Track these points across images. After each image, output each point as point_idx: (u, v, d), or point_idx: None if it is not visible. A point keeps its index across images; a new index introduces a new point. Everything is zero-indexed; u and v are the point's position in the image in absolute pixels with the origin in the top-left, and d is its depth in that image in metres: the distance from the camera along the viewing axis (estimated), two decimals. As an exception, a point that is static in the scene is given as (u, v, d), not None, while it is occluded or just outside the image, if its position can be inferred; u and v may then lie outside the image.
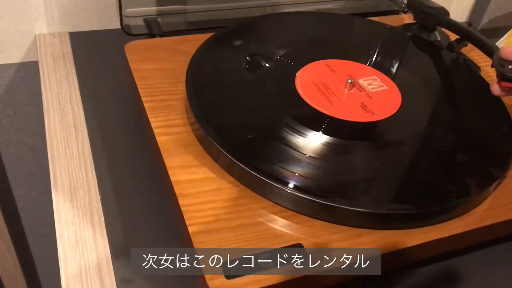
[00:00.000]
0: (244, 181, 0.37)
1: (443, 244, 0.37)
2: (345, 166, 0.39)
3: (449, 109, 0.46)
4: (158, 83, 0.46)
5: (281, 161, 0.37)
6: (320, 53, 0.50)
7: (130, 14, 0.56)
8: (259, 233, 0.35)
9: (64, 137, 0.48)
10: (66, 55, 0.59)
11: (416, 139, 0.42)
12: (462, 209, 0.38)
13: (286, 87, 0.45)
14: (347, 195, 0.36)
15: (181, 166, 0.39)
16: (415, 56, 0.53)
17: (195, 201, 0.36)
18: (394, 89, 0.46)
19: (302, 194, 0.35)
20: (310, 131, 0.40)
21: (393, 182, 0.38)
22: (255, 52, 0.49)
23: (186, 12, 0.60)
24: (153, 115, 0.43)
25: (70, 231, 0.40)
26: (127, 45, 0.50)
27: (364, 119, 0.42)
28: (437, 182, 0.38)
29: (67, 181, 0.44)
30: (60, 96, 0.53)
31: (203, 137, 0.40)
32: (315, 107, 0.43)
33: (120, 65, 0.50)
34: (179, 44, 0.51)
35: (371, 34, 0.54)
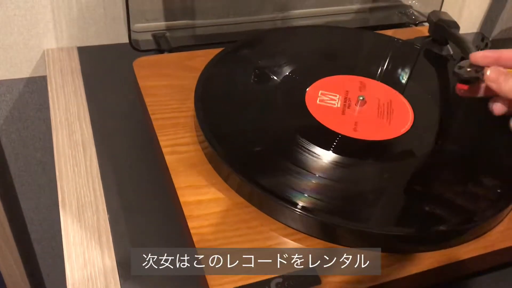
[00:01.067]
0: (255, 202, 0.37)
1: (459, 267, 0.36)
2: (358, 187, 0.38)
3: (463, 126, 0.45)
4: (166, 100, 0.46)
5: (293, 182, 0.37)
6: (331, 68, 0.49)
7: (138, 29, 0.56)
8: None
9: (72, 155, 0.48)
10: (74, 70, 0.58)
11: (430, 157, 0.41)
12: (478, 231, 0.37)
13: (296, 105, 0.44)
14: (360, 217, 0.35)
15: (190, 186, 0.38)
16: (426, 71, 0.52)
17: (205, 223, 0.35)
18: (406, 105, 0.45)
19: (314, 216, 0.34)
20: (322, 150, 0.39)
21: (408, 204, 0.37)
22: (265, 68, 0.48)
23: (195, 26, 0.59)
24: (161, 133, 0.42)
25: (78, 252, 0.39)
26: (136, 61, 0.50)
27: (377, 137, 0.41)
28: (453, 204, 0.37)
29: (75, 200, 0.43)
30: (68, 111, 0.52)
31: (212, 156, 0.39)
32: (326, 125, 0.42)
33: (128, 81, 0.50)
34: (187, 60, 0.51)
35: (383, 48, 0.53)
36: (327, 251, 0.34)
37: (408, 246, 0.35)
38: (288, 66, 0.48)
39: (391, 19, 0.69)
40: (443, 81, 0.50)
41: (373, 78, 0.49)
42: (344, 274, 0.33)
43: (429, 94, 0.47)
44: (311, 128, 0.42)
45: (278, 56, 0.50)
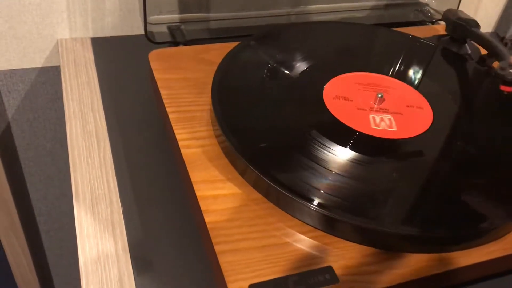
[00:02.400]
0: (272, 198, 0.36)
1: (480, 268, 0.35)
2: (377, 185, 0.37)
3: (483, 127, 0.44)
4: (182, 93, 0.45)
5: (310, 178, 0.36)
6: (348, 65, 0.48)
7: (154, 22, 0.55)
8: (288, 254, 0.33)
9: (85, 146, 0.47)
10: (88, 60, 0.58)
11: (450, 157, 0.40)
12: (500, 232, 0.36)
13: (314, 101, 0.44)
14: (379, 215, 0.35)
15: (207, 180, 0.38)
16: (445, 70, 0.51)
17: (221, 218, 0.35)
18: (425, 104, 0.45)
19: (331, 214, 0.34)
20: (340, 147, 0.39)
21: (428, 203, 0.37)
22: (282, 63, 0.47)
23: (210, 19, 0.59)
24: (178, 126, 0.42)
25: (92, 244, 0.39)
26: (151, 53, 0.49)
27: (396, 136, 0.41)
28: (474, 204, 0.37)
29: (89, 192, 0.43)
30: (81, 103, 0.52)
31: (229, 151, 0.39)
32: (344, 122, 0.41)
33: (143, 73, 0.50)
34: (203, 53, 0.50)
35: (401, 46, 0.53)
36: (346, 250, 0.34)
37: (426, 246, 0.35)
38: (305, 62, 0.48)
39: (407, 17, 0.68)
40: (463, 81, 0.50)
41: (392, 76, 0.48)
42: (363, 274, 0.33)
43: (448, 93, 0.47)
44: (329, 124, 0.41)
45: (296, 51, 0.49)
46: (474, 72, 0.51)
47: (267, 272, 0.32)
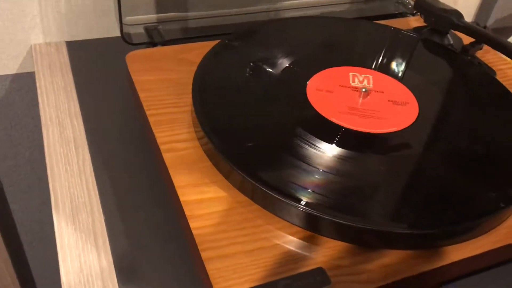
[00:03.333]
0: (258, 200, 0.35)
1: (470, 263, 0.35)
2: (365, 182, 0.36)
3: (470, 117, 0.44)
4: (162, 94, 0.44)
5: (297, 178, 0.35)
6: (331, 59, 0.47)
7: (130, 22, 0.54)
8: (277, 257, 0.32)
9: (63, 153, 0.46)
10: (64, 65, 0.56)
11: (437, 150, 0.40)
12: (489, 226, 0.35)
13: (298, 97, 0.43)
14: (369, 213, 0.34)
15: (190, 184, 0.36)
16: (428, 61, 0.51)
17: (207, 223, 0.34)
18: (410, 96, 0.44)
19: (321, 213, 0.33)
20: (326, 144, 0.38)
21: (417, 199, 0.36)
22: (264, 60, 0.46)
23: (188, 18, 0.57)
24: (158, 129, 0.41)
25: (73, 255, 0.38)
26: (128, 55, 0.48)
27: (382, 130, 0.40)
28: (463, 198, 0.36)
29: (68, 201, 0.41)
30: (58, 109, 0.50)
31: (212, 153, 0.38)
32: (329, 118, 0.40)
33: (121, 75, 0.48)
34: (182, 53, 0.49)
35: (383, 39, 0.52)
36: (336, 250, 0.33)
37: (418, 242, 0.34)
38: (287, 58, 0.47)
39: (387, 9, 0.67)
40: (447, 71, 0.49)
41: (375, 69, 0.47)
42: (355, 273, 0.32)
43: (433, 85, 0.46)
44: (314, 121, 0.40)
45: (277, 48, 0.48)
46: (458, 62, 0.51)
47: (256, 277, 0.31)
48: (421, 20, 0.60)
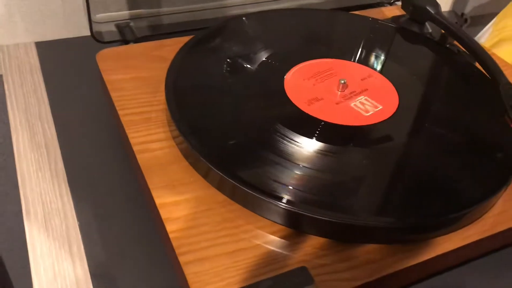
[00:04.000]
0: (238, 199, 0.34)
1: (458, 254, 0.34)
2: (346, 177, 0.35)
3: (451, 107, 0.43)
4: (135, 93, 0.43)
5: (277, 175, 0.34)
6: (309, 52, 0.46)
7: (100, 20, 0.52)
8: (258, 257, 0.31)
9: (35, 158, 0.44)
10: (33, 67, 0.54)
11: (418, 141, 0.39)
12: (475, 215, 0.35)
13: (275, 92, 0.41)
14: (350, 208, 0.33)
15: (167, 186, 0.35)
16: (407, 51, 0.50)
17: (185, 226, 0.32)
18: (390, 87, 0.43)
19: (302, 210, 0.32)
20: (305, 139, 0.37)
21: (400, 192, 0.35)
22: (240, 55, 0.45)
23: (161, 14, 0.56)
24: (131, 129, 0.39)
25: (47, 264, 0.36)
26: (99, 53, 0.46)
27: (362, 123, 0.39)
28: (446, 190, 0.35)
29: (41, 208, 0.40)
30: (28, 112, 0.48)
31: (188, 152, 0.36)
32: (308, 112, 0.39)
33: (93, 76, 0.46)
34: (155, 50, 0.48)
35: (361, 30, 0.51)
36: (319, 248, 0.32)
37: (403, 236, 0.33)
38: (264, 52, 0.45)
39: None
40: (426, 60, 0.49)
41: (354, 60, 0.46)
42: (339, 271, 0.31)
43: (413, 75, 0.45)
44: (293, 116, 0.39)
45: (253, 42, 0.47)
46: (437, 51, 0.50)
47: (237, 279, 0.30)
48: (398, 9, 0.59)
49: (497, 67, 0.44)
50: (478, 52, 0.46)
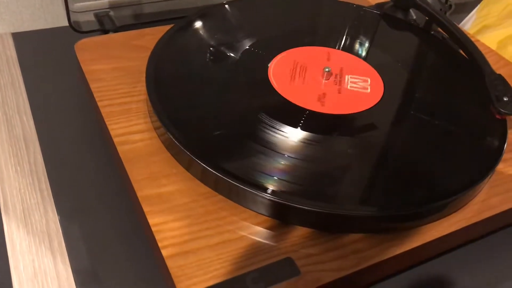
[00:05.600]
0: (222, 190, 0.33)
1: (444, 241, 0.34)
2: (331, 166, 0.35)
3: (435, 94, 0.42)
4: (115, 84, 0.41)
5: (261, 165, 0.33)
6: (292, 40, 0.46)
7: (78, 9, 0.51)
8: (244, 249, 0.31)
9: (13, 152, 0.43)
10: (10, 58, 0.53)
11: (403, 129, 0.39)
12: (461, 203, 0.34)
13: (259, 81, 0.41)
14: (336, 198, 0.33)
15: (148, 178, 0.34)
16: (392, 38, 0.49)
17: (168, 219, 0.32)
18: (374, 74, 0.43)
19: (287, 201, 0.31)
20: (289, 128, 0.36)
21: (383, 181, 0.35)
22: (222, 43, 0.44)
23: (141, 3, 0.54)
24: (112, 121, 0.38)
25: (26, 261, 0.35)
26: (77, 43, 0.45)
27: (347, 111, 0.39)
28: (431, 177, 0.35)
29: (19, 203, 0.39)
30: (6, 105, 0.47)
31: (170, 143, 0.36)
32: (292, 101, 0.39)
33: (71, 67, 0.45)
34: (136, 39, 0.46)
35: (345, 16, 0.50)
36: (305, 238, 0.31)
37: (390, 224, 0.33)
38: (247, 40, 0.45)
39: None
40: (411, 48, 0.48)
41: (338, 48, 0.46)
42: (325, 261, 0.30)
43: (398, 62, 0.45)
44: (277, 105, 0.39)
45: (235, 30, 0.46)
46: (421, 38, 0.49)
47: (222, 272, 0.29)
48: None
49: (481, 56, 0.43)
50: (463, 39, 0.45)
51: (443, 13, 0.49)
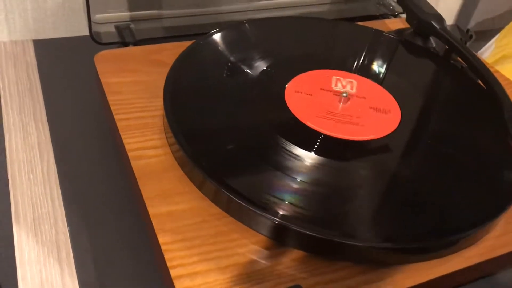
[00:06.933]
0: (234, 212, 0.33)
1: (454, 277, 0.33)
2: (345, 194, 0.35)
3: (453, 125, 0.42)
4: (132, 98, 0.42)
5: (275, 189, 0.33)
6: (311, 62, 0.46)
7: (100, 21, 0.51)
8: (253, 273, 0.30)
9: (27, 160, 0.43)
10: (30, 65, 0.53)
11: (418, 159, 0.38)
12: (472, 239, 0.34)
13: (276, 103, 0.41)
14: (349, 228, 0.32)
15: (161, 195, 0.34)
16: (410, 65, 0.49)
17: (177, 238, 0.31)
18: (392, 101, 0.43)
19: (299, 228, 0.31)
20: (305, 152, 0.36)
21: (399, 212, 0.34)
22: (240, 62, 0.44)
23: (162, 17, 0.55)
24: (127, 135, 0.38)
25: (34, 271, 0.35)
26: (97, 55, 0.45)
27: (362, 137, 0.38)
28: (445, 210, 0.34)
29: (30, 212, 0.39)
30: (22, 112, 0.47)
31: (184, 161, 0.35)
32: (307, 124, 0.39)
33: (90, 77, 0.45)
34: (155, 54, 0.47)
35: (364, 41, 0.50)
36: (315, 266, 0.31)
37: (400, 257, 0.33)
38: (265, 61, 0.45)
39: (368, 10, 0.66)
40: (429, 76, 0.48)
41: (356, 72, 0.46)
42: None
43: (416, 90, 0.44)
44: (293, 128, 0.38)
45: (255, 49, 0.46)
46: (441, 66, 0.49)
47: (230, 296, 0.29)
48: (402, 22, 0.59)
49: (501, 88, 0.43)
50: (482, 70, 0.45)
51: (463, 43, 0.48)
